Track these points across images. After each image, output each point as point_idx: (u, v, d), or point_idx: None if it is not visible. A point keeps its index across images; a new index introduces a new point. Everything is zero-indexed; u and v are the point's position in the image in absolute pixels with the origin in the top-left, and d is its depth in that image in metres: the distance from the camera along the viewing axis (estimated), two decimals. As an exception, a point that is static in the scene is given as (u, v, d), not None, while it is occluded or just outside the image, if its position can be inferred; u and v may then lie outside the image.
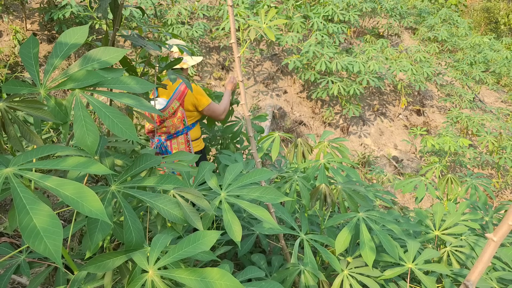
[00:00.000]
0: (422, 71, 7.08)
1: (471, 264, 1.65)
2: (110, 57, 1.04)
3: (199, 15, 7.07)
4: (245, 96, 1.55)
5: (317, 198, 1.54)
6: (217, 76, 7.04)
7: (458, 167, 6.58)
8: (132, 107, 1.67)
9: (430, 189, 2.32)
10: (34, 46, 1.01)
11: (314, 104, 7.29)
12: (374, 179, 5.92)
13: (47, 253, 0.69)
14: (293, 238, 2.56)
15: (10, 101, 0.93)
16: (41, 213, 0.73)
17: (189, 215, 1.05)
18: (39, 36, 6.03)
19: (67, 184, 0.79)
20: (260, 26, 1.51)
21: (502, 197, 6.35)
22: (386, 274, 1.45)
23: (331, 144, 2.08)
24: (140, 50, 1.82)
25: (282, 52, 7.90)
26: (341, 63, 6.39)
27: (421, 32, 9.45)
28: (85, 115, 0.93)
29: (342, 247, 1.46)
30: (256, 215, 1.14)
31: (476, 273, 0.97)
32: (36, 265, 1.41)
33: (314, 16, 7.38)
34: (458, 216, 1.84)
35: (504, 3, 13.44)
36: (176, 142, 2.52)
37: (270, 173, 1.29)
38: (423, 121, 7.68)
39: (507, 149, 6.04)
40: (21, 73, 5.33)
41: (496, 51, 9.22)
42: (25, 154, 0.88)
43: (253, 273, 1.34)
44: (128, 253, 1.02)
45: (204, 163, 1.41)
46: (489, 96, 8.88)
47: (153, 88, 2.45)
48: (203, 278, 0.88)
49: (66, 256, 1.08)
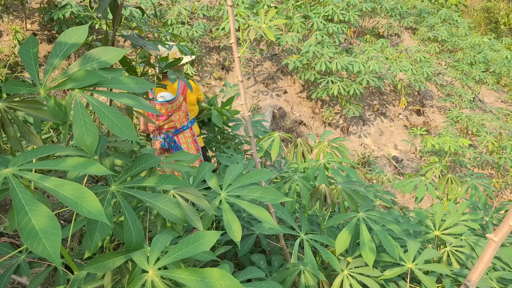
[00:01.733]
0: (422, 71, 7.08)
1: (471, 264, 1.65)
2: (109, 57, 1.04)
3: (199, 15, 7.07)
4: (245, 96, 1.55)
5: (317, 198, 1.53)
6: (217, 76, 7.04)
7: (458, 167, 6.58)
8: (131, 107, 1.67)
9: (430, 189, 2.32)
10: (34, 46, 1.01)
11: (314, 104, 7.29)
12: (374, 179, 5.92)
13: (45, 254, 0.69)
14: (293, 238, 2.55)
15: (10, 101, 0.93)
16: (39, 214, 0.73)
17: (189, 215, 1.05)
18: (39, 36, 6.03)
19: (66, 184, 0.79)
20: (260, 26, 1.51)
21: (502, 197, 6.34)
22: (386, 274, 1.45)
23: (331, 144, 2.08)
24: (140, 50, 1.82)
25: (282, 52, 7.90)
26: (341, 63, 6.39)
27: (421, 32, 9.45)
28: (84, 115, 0.92)
29: (342, 247, 1.45)
30: (256, 215, 1.14)
31: (476, 274, 0.97)
32: (36, 265, 1.41)
33: (314, 16, 7.38)
34: (458, 216, 1.84)
35: (504, 3, 13.44)
36: (184, 137, 2.59)
37: (270, 173, 1.29)
38: (423, 121, 7.68)
39: (507, 149, 6.04)
40: (21, 73, 5.33)
41: (496, 51, 9.22)
42: (25, 154, 0.87)
43: (253, 273, 1.34)
44: (128, 253, 1.02)
45: (204, 163, 1.41)
46: (489, 96, 8.88)
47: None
48: (203, 278, 0.88)
49: (66, 256, 1.08)
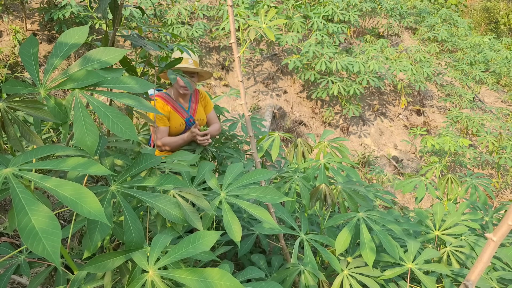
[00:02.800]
0: (422, 71, 7.08)
1: (471, 264, 1.65)
2: (110, 57, 1.04)
3: (199, 15, 7.07)
4: (245, 96, 1.55)
5: (317, 198, 1.53)
6: (217, 76, 7.04)
7: (458, 167, 6.58)
8: (132, 107, 1.67)
9: (430, 189, 2.32)
10: (34, 46, 1.01)
11: (314, 104, 7.29)
12: (374, 179, 5.92)
13: (45, 254, 0.68)
14: (293, 238, 2.55)
15: (10, 101, 0.93)
16: (39, 214, 0.73)
17: (189, 215, 1.05)
18: (39, 36, 6.03)
19: (66, 185, 0.79)
20: (260, 26, 1.51)
21: (502, 197, 6.35)
22: (386, 274, 1.45)
23: (331, 144, 2.08)
24: (140, 50, 1.82)
25: (282, 52, 7.90)
26: (341, 63, 6.39)
27: (421, 32, 9.45)
28: (84, 115, 0.93)
29: (342, 247, 1.45)
30: (256, 215, 1.14)
31: (476, 273, 0.97)
32: (36, 265, 1.41)
33: (314, 16, 7.38)
34: (458, 216, 1.84)
35: (504, 3, 13.44)
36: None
37: (270, 173, 1.29)
38: (423, 121, 7.68)
39: (507, 149, 6.04)
40: (21, 73, 5.33)
41: (496, 51, 9.22)
42: (25, 154, 0.87)
43: (253, 273, 1.34)
44: (128, 253, 1.02)
45: (204, 162, 1.41)
46: (489, 96, 8.88)
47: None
48: (203, 278, 0.88)
49: (66, 256, 1.08)
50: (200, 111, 2.51)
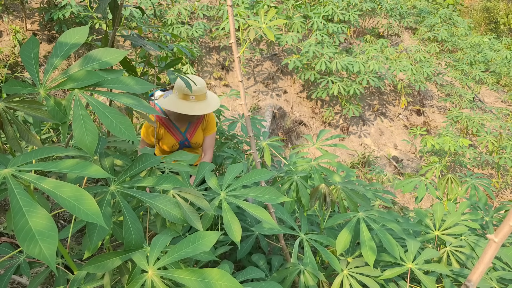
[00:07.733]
0: (422, 71, 7.07)
1: (471, 264, 1.65)
2: (110, 58, 1.04)
3: (199, 15, 7.07)
4: (245, 96, 1.55)
5: (316, 198, 1.53)
6: (217, 76, 7.04)
7: (458, 167, 6.57)
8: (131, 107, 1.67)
9: (430, 189, 2.32)
10: (35, 46, 1.01)
11: (314, 104, 7.29)
12: (374, 179, 5.92)
13: (41, 257, 0.68)
14: (293, 238, 2.55)
15: (9, 101, 0.93)
16: (37, 215, 0.72)
17: (188, 215, 1.05)
18: (39, 36, 6.03)
19: (64, 186, 0.78)
20: (259, 26, 1.51)
21: (502, 197, 6.34)
22: (386, 274, 1.45)
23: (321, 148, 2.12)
24: (140, 50, 1.82)
25: (282, 52, 7.90)
26: (341, 63, 6.39)
27: (421, 32, 9.45)
28: (84, 115, 0.92)
29: (342, 247, 1.45)
30: (256, 215, 1.14)
31: (477, 274, 0.97)
32: (36, 265, 1.41)
33: (314, 16, 7.38)
34: (458, 216, 1.84)
35: (504, 3, 13.44)
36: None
37: (270, 173, 1.29)
38: (423, 121, 7.68)
39: (507, 149, 6.04)
40: (21, 73, 5.33)
41: (496, 51, 9.22)
42: (24, 155, 0.87)
43: (253, 273, 1.34)
44: (127, 253, 1.02)
45: (203, 162, 1.41)
46: (489, 96, 8.88)
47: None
48: (203, 278, 0.88)
49: (66, 256, 1.07)
50: (198, 134, 2.34)
